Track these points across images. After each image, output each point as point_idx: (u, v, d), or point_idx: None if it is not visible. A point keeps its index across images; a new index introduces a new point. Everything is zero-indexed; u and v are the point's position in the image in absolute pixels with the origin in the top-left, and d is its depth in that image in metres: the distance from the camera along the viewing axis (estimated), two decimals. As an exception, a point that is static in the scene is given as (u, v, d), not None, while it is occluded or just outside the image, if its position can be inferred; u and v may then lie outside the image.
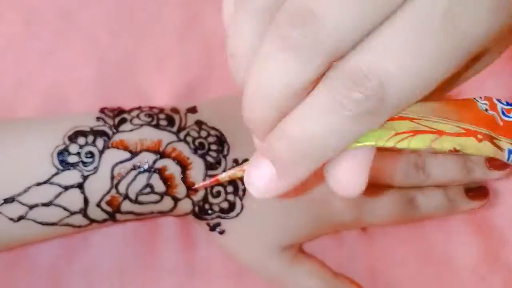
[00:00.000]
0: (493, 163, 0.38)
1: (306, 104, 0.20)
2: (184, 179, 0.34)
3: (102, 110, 0.35)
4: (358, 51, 0.19)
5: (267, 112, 0.20)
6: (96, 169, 0.32)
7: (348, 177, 0.21)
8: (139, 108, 0.35)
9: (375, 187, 0.36)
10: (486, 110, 0.24)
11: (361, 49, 0.19)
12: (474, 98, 0.24)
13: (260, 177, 0.22)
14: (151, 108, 0.35)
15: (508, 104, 0.25)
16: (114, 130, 0.33)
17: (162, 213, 0.35)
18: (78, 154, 0.33)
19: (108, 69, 0.41)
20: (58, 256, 0.37)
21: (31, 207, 0.32)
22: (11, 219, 0.32)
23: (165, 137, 0.34)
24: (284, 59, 0.19)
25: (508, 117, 0.24)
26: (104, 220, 0.34)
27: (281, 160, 0.21)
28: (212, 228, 0.35)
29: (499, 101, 0.25)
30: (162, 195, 0.34)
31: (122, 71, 0.41)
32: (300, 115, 0.20)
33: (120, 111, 0.35)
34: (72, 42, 0.41)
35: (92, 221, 0.34)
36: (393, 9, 0.19)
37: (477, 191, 0.38)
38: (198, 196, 0.34)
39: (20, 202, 0.32)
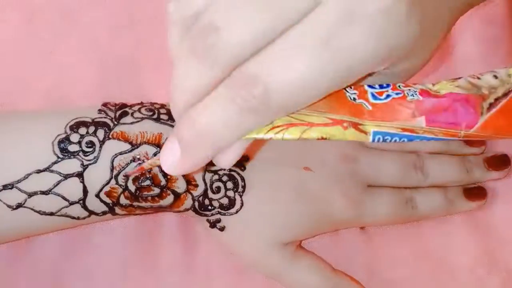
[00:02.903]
0: (492, 163, 0.38)
1: (208, 98, 0.23)
2: None
3: (104, 104, 0.35)
4: (253, 59, 0.23)
5: (181, 102, 0.24)
6: (96, 158, 0.32)
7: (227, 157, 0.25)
8: (140, 103, 0.35)
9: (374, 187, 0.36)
10: (354, 99, 0.26)
11: (257, 57, 0.22)
12: (345, 89, 0.26)
13: (170, 155, 0.25)
14: (152, 103, 0.36)
15: (381, 87, 0.27)
16: (115, 122, 0.34)
17: (162, 208, 0.35)
18: (79, 143, 0.33)
19: (109, 69, 0.41)
20: (59, 255, 0.37)
21: (30, 194, 0.32)
22: (9, 206, 0.32)
23: (165, 131, 0.34)
24: (192, 64, 0.23)
25: (379, 99, 0.26)
26: (103, 213, 0.34)
27: (183, 140, 0.24)
28: (213, 225, 0.35)
29: (370, 86, 0.27)
30: (161, 189, 0.34)
31: (123, 71, 0.41)
32: (203, 106, 0.23)
33: (122, 105, 0.35)
34: (73, 42, 0.42)
35: (91, 213, 0.34)
36: (287, 26, 0.22)
37: (476, 192, 0.38)
38: (197, 191, 0.34)
39: (20, 189, 0.32)
